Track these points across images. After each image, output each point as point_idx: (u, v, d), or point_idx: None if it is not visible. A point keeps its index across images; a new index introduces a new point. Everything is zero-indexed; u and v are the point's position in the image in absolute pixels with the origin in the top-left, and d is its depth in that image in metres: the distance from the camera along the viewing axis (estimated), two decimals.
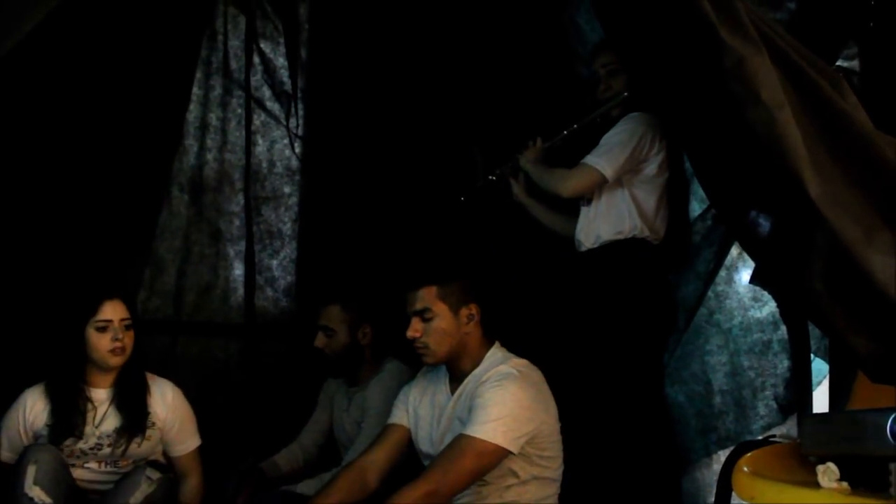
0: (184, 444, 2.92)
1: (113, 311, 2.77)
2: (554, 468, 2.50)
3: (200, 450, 2.98)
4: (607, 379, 2.92)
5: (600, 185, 2.97)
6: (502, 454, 2.35)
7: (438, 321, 2.50)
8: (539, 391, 2.47)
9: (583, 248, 3.06)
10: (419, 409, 2.63)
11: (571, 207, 3.16)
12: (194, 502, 2.91)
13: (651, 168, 2.95)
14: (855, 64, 2.76)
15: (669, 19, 2.06)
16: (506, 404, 2.35)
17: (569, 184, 3.01)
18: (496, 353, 2.56)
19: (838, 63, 2.76)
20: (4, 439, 2.77)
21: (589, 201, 3.05)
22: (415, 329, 2.52)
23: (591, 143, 3.04)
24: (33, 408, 2.77)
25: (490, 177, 3.37)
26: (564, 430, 2.55)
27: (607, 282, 2.97)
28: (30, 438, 2.76)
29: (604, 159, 2.93)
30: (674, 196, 3.07)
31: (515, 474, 2.43)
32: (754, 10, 2.10)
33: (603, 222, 2.99)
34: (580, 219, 3.08)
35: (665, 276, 3.07)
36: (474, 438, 2.32)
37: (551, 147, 3.21)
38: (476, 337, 2.55)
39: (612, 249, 2.97)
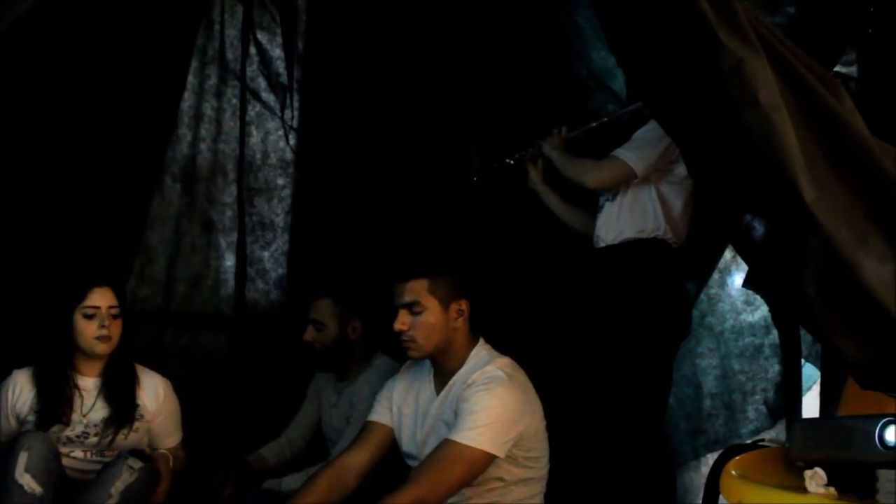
0: (168, 437, 2.92)
1: (101, 298, 2.77)
2: (539, 468, 2.48)
3: (188, 441, 2.97)
4: (614, 378, 2.88)
5: (628, 181, 2.91)
6: (490, 460, 2.33)
7: (427, 315, 2.46)
8: (525, 392, 2.44)
9: (601, 244, 2.98)
10: (403, 408, 2.60)
11: (586, 201, 3.11)
12: (173, 464, 2.86)
13: (682, 169, 2.86)
14: (853, 70, 2.76)
15: (668, 19, 2.05)
16: (493, 409, 2.33)
17: (596, 175, 2.94)
18: (480, 350, 2.52)
19: (836, 68, 2.76)
20: None
21: (614, 196, 2.97)
22: (402, 322, 2.47)
23: (614, 139, 2.99)
24: (20, 390, 2.77)
25: (508, 160, 3.30)
26: (562, 428, 2.53)
27: (623, 280, 2.91)
28: (17, 421, 2.75)
29: (635, 154, 2.86)
30: (701, 200, 2.98)
31: (501, 478, 2.40)
32: (753, 12, 2.10)
33: (627, 219, 2.91)
34: (602, 213, 3.00)
35: (682, 279, 3.02)
36: (462, 445, 2.29)
37: (575, 137, 3.15)
38: (463, 333, 2.51)
39: (632, 248, 2.91)
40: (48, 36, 3.16)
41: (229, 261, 3.96)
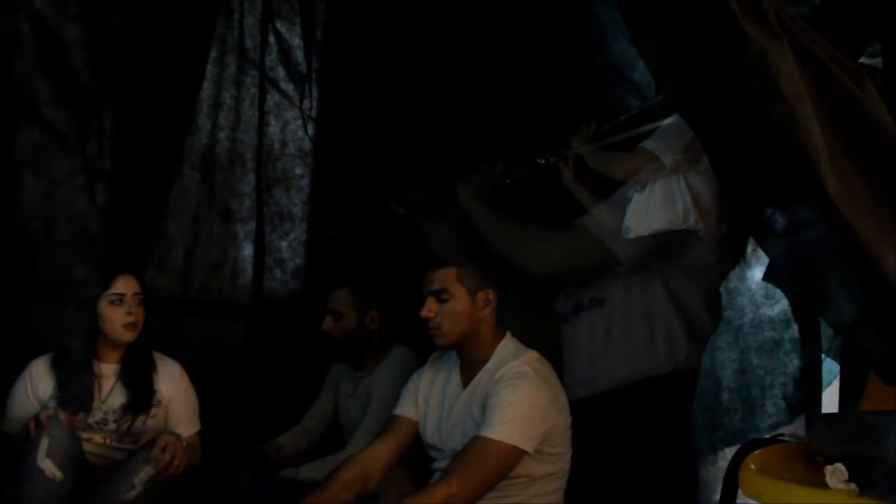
0: (183, 426, 2.88)
1: (126, 286, 2.79)
2: (562, 464, 2.48)
3: (204, 429, 2.97)
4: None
5: (656, 172, 2.88)
6: (520, 455, 2.32)
7: (454, 303, 2.47)
8: (551, 387, 2.44)
9: (630, 235, 2.93)
10: (430, 399, 2.59)
11: (617, 198, 3.11)
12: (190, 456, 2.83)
13: None
14: (878, 61, 2.73)
15: (692, 10, 2.03)
16: (522, 404, 2.33)
17: (624, 166, 2.93)
18: (508, 344, 2.52)
19: (862, 60, 2.73)
20: (10, 411, 2.76)
21: (643, 187, 2.93)
22: (430, 309, 2.49)
23: (645, 132, 2.95)
24: (39, 378, 2.77)
25: (539, 160, 3.31)
26: (584, 421, 2.53)
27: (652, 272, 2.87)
28: (39, 409, 2.76)
29: (662, 144, 2.84)
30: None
31: (527, 475, 2.40)
32: (778, 2, 2.07)
33: (656, 210, 2.87)
34: (631, 205, 2.95)
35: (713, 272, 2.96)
36: (492, 441, 2.29)
37: (605, 132, 3.15)
38: (489, 324, 2.52)
39: (661, 239, 2.86)
40: (65, 25, 3.17)
41: (247, 250, 3.97)
